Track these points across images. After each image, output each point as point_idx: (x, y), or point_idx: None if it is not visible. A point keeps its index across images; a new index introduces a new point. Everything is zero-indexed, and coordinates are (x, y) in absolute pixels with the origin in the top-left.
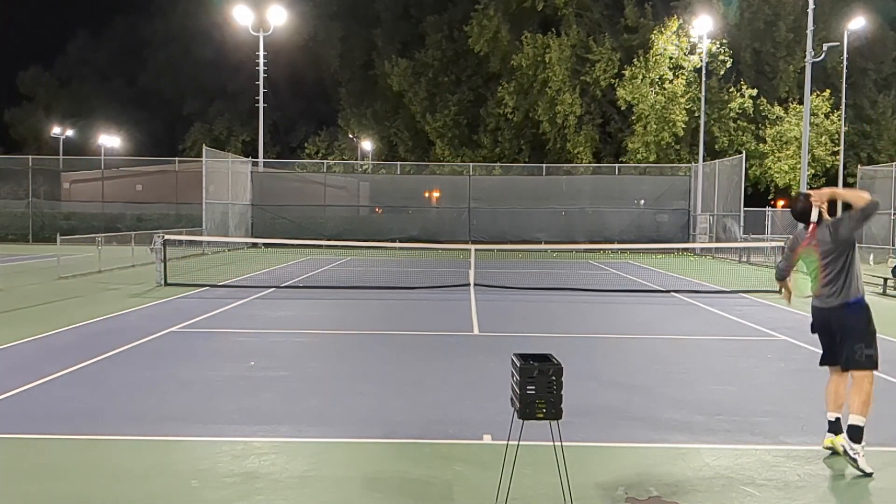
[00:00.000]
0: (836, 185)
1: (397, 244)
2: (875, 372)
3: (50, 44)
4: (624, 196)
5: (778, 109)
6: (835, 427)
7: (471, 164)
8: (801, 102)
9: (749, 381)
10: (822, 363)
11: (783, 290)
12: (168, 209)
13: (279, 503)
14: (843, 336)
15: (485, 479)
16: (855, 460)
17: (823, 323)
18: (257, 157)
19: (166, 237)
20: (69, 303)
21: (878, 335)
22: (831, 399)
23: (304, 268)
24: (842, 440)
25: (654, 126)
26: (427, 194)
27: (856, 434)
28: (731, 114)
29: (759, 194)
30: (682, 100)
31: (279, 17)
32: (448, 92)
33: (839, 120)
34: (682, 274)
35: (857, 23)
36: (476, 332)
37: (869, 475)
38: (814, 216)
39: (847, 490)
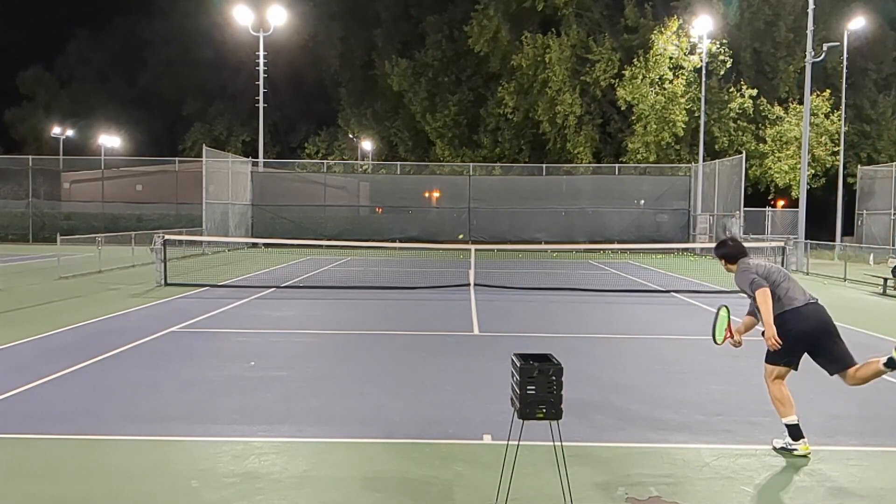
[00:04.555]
0: (835, 185)
1: (397, 244)
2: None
3: (50, 44)
4: (624, 196)
5: (778, 109)
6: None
7: (471, 164)
8: (801, 102)
9: (749, 381)
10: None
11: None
12: (168, 209)
13: (279, 503)
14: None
15: (485, 479)
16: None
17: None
18: (257, 157)
19: (166, 237)
20: (69, 303)
21: (878, 335)
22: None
23: (304, 268)
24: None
25: (654, 126)
26: (427, 194)
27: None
28: (731, 114)
29: (759, 194)
30: (682, 100)
31: (279, 17)
32: (448, 92)
33: (839, 120)
34: (682, 274)
35: (857, 23)
36: (476, 332)
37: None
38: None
39: (847, 490)
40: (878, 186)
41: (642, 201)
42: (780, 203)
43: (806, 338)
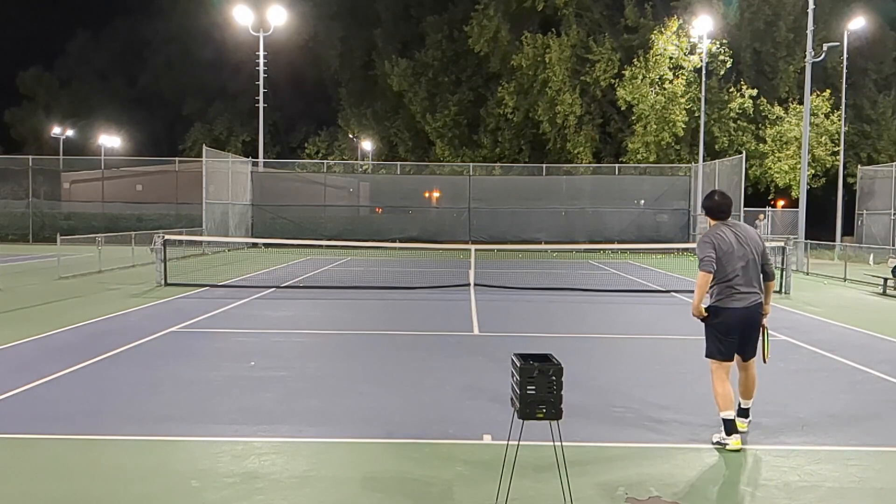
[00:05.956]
0: (835, 185)
1: (397, 244)
2: (874, 372)
3: (50, 44)
4: (624, 196)
5: (778, 109)
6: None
7: (471, 164)
8: (801, 102)
9: None
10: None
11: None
12: (168, 209)
13: (279, 503)
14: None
15: (485, 479)
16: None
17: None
18: (257, 157)
19: (166, 237)
20: (69, 303)
21: (878, 335)
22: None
23: (304, 268)
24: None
25: (654, 126)
26: (427, 194)
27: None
28: (731, 114)
29: (759, 194)
30: (682, 100)
31: (279, 17)
32: (448, 92)
33: (839, 120)
34: (682, 274)
35: (857, 23)
36: (476, 332)
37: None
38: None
39: (847, 490)
40: (878, 186)
41: (642, 201)
42: (780, 203)
43: (734, 331)
